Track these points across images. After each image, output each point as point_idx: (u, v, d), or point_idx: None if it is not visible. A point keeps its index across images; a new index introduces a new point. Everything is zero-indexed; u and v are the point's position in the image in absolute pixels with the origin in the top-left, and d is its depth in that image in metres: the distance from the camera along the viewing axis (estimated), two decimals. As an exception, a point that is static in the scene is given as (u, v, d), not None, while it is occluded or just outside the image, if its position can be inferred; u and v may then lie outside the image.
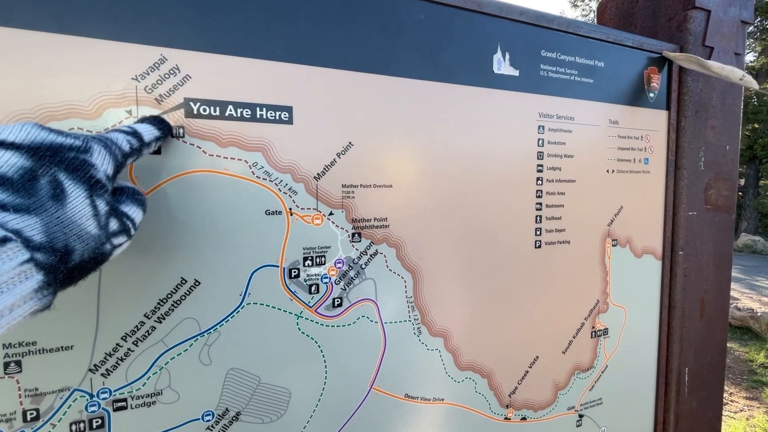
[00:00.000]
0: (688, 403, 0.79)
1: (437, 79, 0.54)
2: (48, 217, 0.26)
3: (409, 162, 0.54)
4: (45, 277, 0.25)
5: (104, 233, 0.30)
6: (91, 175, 0.29)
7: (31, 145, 0.27)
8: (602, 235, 0.70)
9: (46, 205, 0.26)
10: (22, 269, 0.24)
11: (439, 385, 0.58)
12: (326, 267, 0.50)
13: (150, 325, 0.42)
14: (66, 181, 0.27)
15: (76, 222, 0.27)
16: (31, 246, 0.25)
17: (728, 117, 0.79)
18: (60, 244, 0.26)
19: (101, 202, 0.30)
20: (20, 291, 0.24)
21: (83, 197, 0.28)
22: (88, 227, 0.28)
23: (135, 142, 0.35)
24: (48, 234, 0.26)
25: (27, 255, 0.24)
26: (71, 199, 0.27)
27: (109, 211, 0.31)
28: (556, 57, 0.63)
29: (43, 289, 0.26)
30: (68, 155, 0.28)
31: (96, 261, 0.30)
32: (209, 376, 0.45)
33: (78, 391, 0.39)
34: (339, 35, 0.49)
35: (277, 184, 0.46)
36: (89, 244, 0.28)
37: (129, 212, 0.33)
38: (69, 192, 0.27)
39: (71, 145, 0.28)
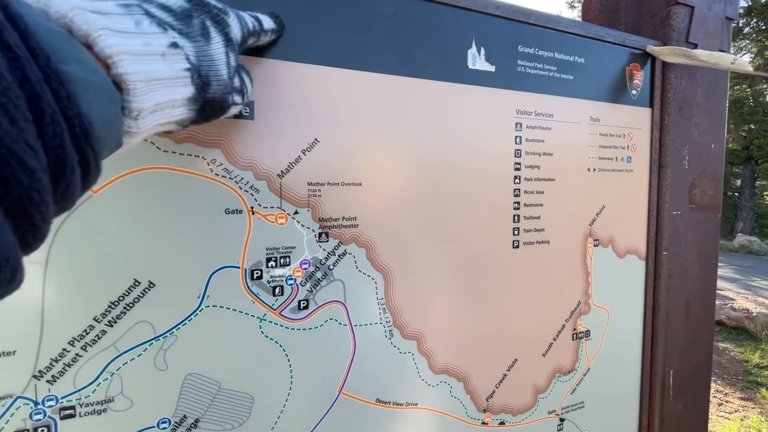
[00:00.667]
0: (674, 406, 0.78)
1: (408, 74, 0.53)
2: (198, 47, 0.30)
3: (379, 159, 0.52)
4: (195, 92, 0.30)
5: (230, 83, 0.34)
6: (228, 31, 0.33)
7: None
8: (583, 235, 0.69)
9: (197, 38, 0.31)
10: (184, 75, 0.29)
11: (413, 389, 0.56)
12: (291, 268, 0.48)
13: (100, 329, 0.40)
14: (212, 27, 0.32)
15: (215, 60, 0.32)
16: (188, 61, 0.29)
17: (713, 115, 0.78)
18: (204, 72, 0.31)
19: (232, 56, 0.34)
20: (181, 92, 0.29)
21: (222, 45, 0.33)
22: (222, 71, 0.33)
23: (257, 25, 0.39)
24: (198, 59, 0.30)
25: (188, 65, 0.29)
26: (214, 42, 0.32)
27: (236, 67, 0.35)
28: (534, 52, 0.61)
29: (192, 102, 0.30)
30: (214, 11, 0.33)
31: (220, 105, 0.34)
32: (165, 382, 0.43)
33: (21, 398, 0.38)
34: (303, 27, 0.47)
35: (238, 182, 0.45)
36: (221, 85, 0.33)
37: (245, 79, 0.38)
38: (212, 36, 0.32)
39: (215, 5, 0.33)
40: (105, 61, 0.24)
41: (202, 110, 0.32)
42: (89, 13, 0.23)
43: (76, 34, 0.23)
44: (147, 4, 0.28)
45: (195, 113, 0.31)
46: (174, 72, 0.28)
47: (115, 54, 0.24)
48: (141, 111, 0.26)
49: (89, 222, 0.39)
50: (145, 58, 0.26)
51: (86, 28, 0.23)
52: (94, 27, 0.23)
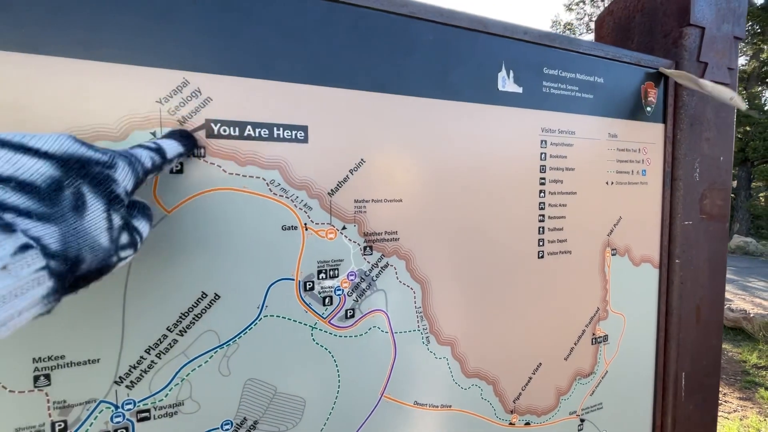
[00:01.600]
0: (685, 407, 0.82)
1: (445, 97, 0.56)
2: (67, 227, 0.27)
3: (418, 177, 0.56)
4: (54, 284, 0.26)
5: (114, 246, 0.31)
6: (112, 190, 0.30)
7: (63, 156, 0.28)
8: (602, 245, 0.72)
9: (66, 216, 0.27)
10: (37, 276, 0.25)
11: (447, 392, 0.60)
12: (339, 279, 0.51)
13: (172, 338, 0.43)
14: (88, 194, 0.29)
15: (91, 234, 0.29)
16: (47, 254, 0.26)
17: (722, 129, 0.82)
18: (73, 253, 0.27)
19: (117, 216, 0.31)
20: (31, 296, 0.25)
21: (101, 211, 0.29)
22: (101, 240, 0.29)
23: (158, 158, 0.36)
24: (64, 243, 0.27)
25: (43, 262, 0.25)
26: (90, 212, 0.29)
27: (122, 225, 0.32)
28: (557, 74, 0.65)
29: (50, 296, 0.27)
30: (94, 169, 0.29)
31: (100, 272, 0.31)
32: (228, 387, 0.46)
33: (104, 402, 0.41)
34: (351, 56, 0.50)
35: (293, 201, 0.48)
36: (99, 255, 0.30)
37: (139, 226, 0.34)
38: (89, 205, 0.29)
39: (98, 160, 0.30)
40: None
41: (74, 287, 0.29)
42: None
43: None
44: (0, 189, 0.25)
45: (58, 298, 0.28)
46: (21, 280, 0.24)
47: None
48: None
49: (163, 240, 0.42)
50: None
51: None
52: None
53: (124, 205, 0.32)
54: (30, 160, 0.27)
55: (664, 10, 0.80)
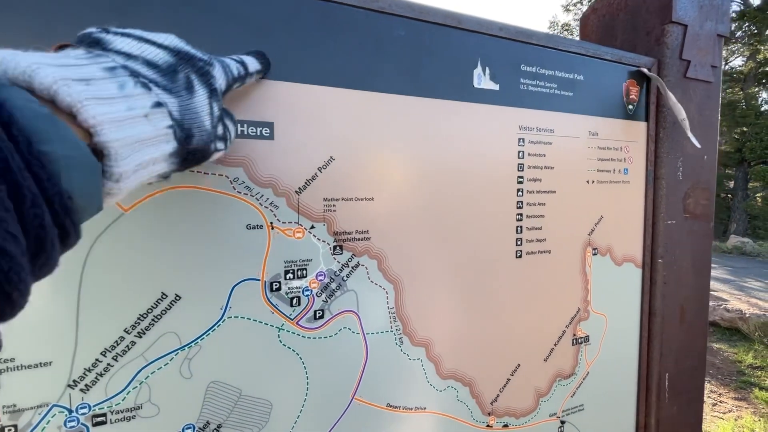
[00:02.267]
0: (669, 408, 0.81)
1: (418, 94, 0.55)
2: (182, 101, 0.32)
3: (390, 175, 0.55)
4: (177, 146, 0.31)
5: (213, 132, 0.35)
6: (212, 83, 0.35)
7: (175, 49, 0.33)
8: (583, 245, 0.71)
9: (181, 93, 0.32)
10: (167, 132, 0.29)
11: (421, 394, 0.59)
12: (308, 280, 0.50)
13: (130, 340, 0.42)
14: (196, 80, 0.34)
15: (199, 113, 0.33)
16: (171, 118, 0.30)
17: (705, 128, 0.81)
18: (187, 125, 0.32)
19: (216, 106, 0.35)
20: (162, 150, 0.29)
21: (205, 96, 0.34)
22: (206, 121, 0.34)
23: (242, 69, 0.41)
24: (181, 114, 0.31)
25: (170, 122, 0.30)
26: (198, 95, 0.33)
27: (220, 116, 0.36)
28: (535, 71, 0.64)
29: (174, 156, 0.31)
30: (199, 63, 0.34)
31: (202, 154, 0.35)
32: (190, 390, 0.45)
33: (57, 406, 0.40)
34: (319, 51, 0.49)
35: (258, 199, 0.47)
36: (203, 135, 0.34)
37: (229, 125, 0.39)
38: (197, 89, 0.33)
39: (201, 57, 0.35)
40: (87, 130, 0.24)
41: (185, 161, 0.33)
42: (73, 84, 0.24)
43: (60, 105, 0.23)
44: (133, 62, 0.29)
45: (177, 165, 0.32)
46: (157, 131, 0.28)
47: (98, 123, 0.24)
48: (123, 174, 0.26)
49: (120, 239, 0.41)
50: (127, 123, 0.26)
51: (69, 100, 0.23)
52: (78, 99, 0.23)
53: (220, 100, 0.36)
54: (151, 46, 0.31)
55: (646, 7, 0.79)
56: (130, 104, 0.27)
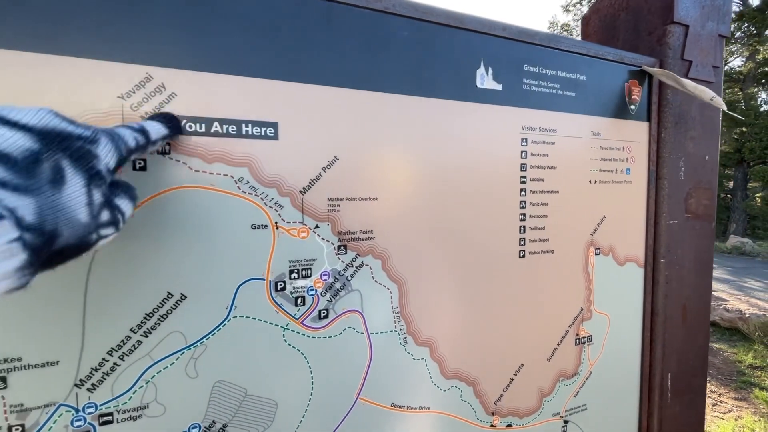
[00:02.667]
0: (671, 408, 0.81)
1: (421, 94, 0.56)
2: (43, 200, 0.27)
3: (394, 175, 0.55)
4: (29, 257, 0.26)
5: (94, 223, 0.30)
6: (93, 165, 0.30)
7: (43, 130, 0.28)
8: (585, 244, 0.72)
9: (43, 188, 0.27)
10: (10, 247, 0.25)
11: (425, 393, 0.59)
12: (312, 279, 0.50)
13: (136, 340, 0.42)
14: (68, 168, 0.28)
15: (69, 208, 0.28)
16: (22, 225, 0.25)
17: (707, 128, 0.82)
18: (49, 226, 0.27)
19: (97, 192, 0.30)
20: (3, 267, 0.25)
21: (80, 186, 0.29)
22: (80, 215, 0.29)
23: (141, 138, 0.36)
24: (40, 216, 0.26)
25: (16, 233, 0.25)
26: (69, 186, 0.28)
27: (103, 202, 0.31)
28: (538, 71, 0.64)
29: (25, 269, 0.26)
30: (75, 144, 0.29)
31: (79, 248, 0.30)
32: (196, 389, 0.45)
33: (64, 406, 0.40)
34: (323, 52, 0.50)
35: (263, 199, 0.47)
36: (77, 230, 0.29)
37: (121, 205, 0.34)
38: (68, 179, 0.28)
39: (80, 135, 0.30)
40: None
41: (48, 263, 0.29)
42: None
43: None
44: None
45: (33, 273, 0.27)
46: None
47: None
48: None
49: (126, 239, 0.41)
50: None
51: None
52: None
53: (106, 182, 0.32)
54: (8, 131, 0.26)
55: (648, 7, 0.79)
56: None
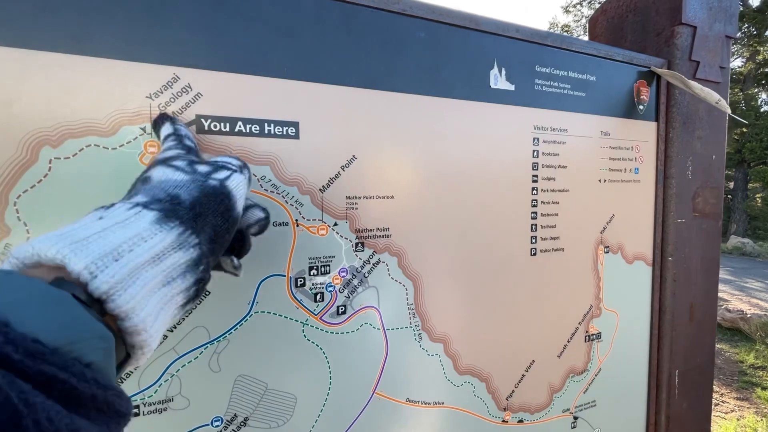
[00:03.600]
0: (679, 405, 0.82)
1: (437, 94, 0.57)
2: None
3: (409, 174, 0.56)
4: (199, 252, 0.29)
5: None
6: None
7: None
8: (595, 243, 0.73)
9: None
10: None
11: (439, 389, 0.60)
12: (331, 276, 0.51)
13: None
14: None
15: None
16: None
17: (714, 128, 0.83)
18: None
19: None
20: (183, 277, 0.28)
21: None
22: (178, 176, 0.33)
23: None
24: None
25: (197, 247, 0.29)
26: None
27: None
28: (550, 72, 0.65)
29: (196, 263, 0.29)
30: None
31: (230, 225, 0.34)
32: (218, 383, 0.46)
33: (92, 398, 0.41)
34: (343, 52, 0.51)
35: (284, 197, 0.48)
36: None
37: (219, 159, 0.38)
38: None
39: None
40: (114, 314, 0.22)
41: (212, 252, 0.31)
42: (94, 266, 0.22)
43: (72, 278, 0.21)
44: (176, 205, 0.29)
45: (208, 264, 0.30)
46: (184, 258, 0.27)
47: (132, 312, 0.23)
48: (147, 342, 0.24)
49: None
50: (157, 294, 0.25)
51: (97, 291, 0.21)
52: (106, 291, 0.22)
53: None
54: None
55: (656, 9, 0.80)
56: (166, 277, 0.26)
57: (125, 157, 0.40)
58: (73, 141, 0.39)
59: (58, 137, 0.38)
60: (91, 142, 0.39)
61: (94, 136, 0.39)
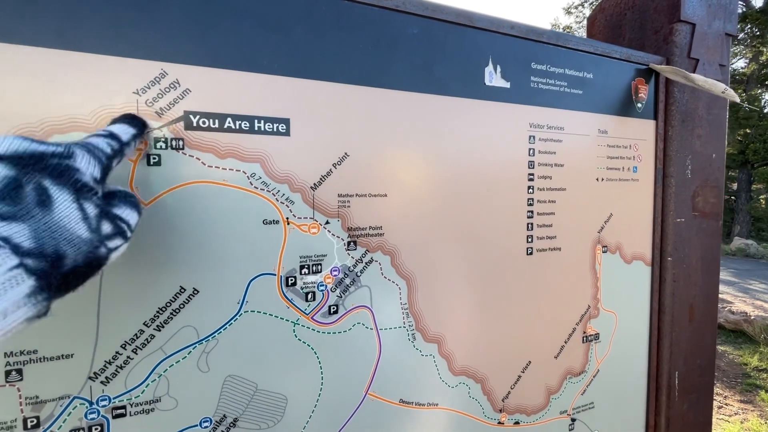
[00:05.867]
0: (679, 407, 0.81)
1: (430, 91, 0.56)
2: (36, 222, 0.26)
3: (403, 172, 0.55)
4: (37, 282, 0.26)
5: (96, 236, 0.30)
6: (77, 179, 0.30)
7: (14, 155, 0.27)
8: (592, 242, 0.72)
9: (32, 212, 0.27)
10: (12, 274, 0.24)
11: (434, 390, 0.59)
12: (322, 275, 0.51)
13: (149, 333, 0.43)
14: (51, 187, 0.28)
15: (64, 226, 0.28)
16: (20, 252, 0.25)
17: (714, 126, 0.82)
18: (50, 249, 0.27)
19: (89, 205, 0.30)
20: (12, 296, 0.24)
21: (69, 201, 0.29)
22: (78, 231, 0.29)
23: (114, 143, 0.35)
24: (37, 240, 0.26)
25: (16, 260, 0.25)
26: (58, 204, 0.28)
27: (100, 213, 0.31)
28: (546, 69, 0.65)
29: (36, 294, 0.26)
30: (51, 162, 0.29)
31: (92, 265, 0.30)
32: (207, 383, 0.45)
33: (78, 398, 0.40)
34: (334, 49, 0.50)
35: (275, 194, 0.48)
36: (81, 248, 0.29)
37: (122, 214, 0.33)
38: (55, 197, 0.28)
39: (53, 152, 0.29)
40: None
41: (62, 288, 0.28)
42: None
43: None
44: None
45: (48, 299, 0.27)
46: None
47: None
48: None
49: (139, 233, 0.41)
50: None
51: None
52: None
53: (96, 193, 0.31)
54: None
55: (654, 6, 0.79)
56: None
57: (111, 154, 0.40)
58: (58, 137, 0.38)
59: (44, 133, 0.38)
60: (76, 137, 0.39)
61: (79, 132, 0.39)
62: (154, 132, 0.42)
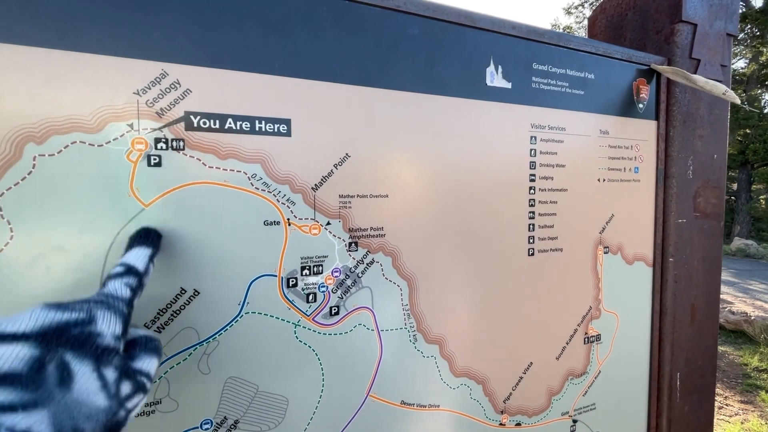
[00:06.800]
0: (680, 408, 0.81)
1: (432, 91, 0.56)
2: (56, 406, 0.26)
3: (404, 172, 0.55)
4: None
5: (115, 401, 0.29)
6: (98, 345, 0.29)
7: (39, 332, 0.27)
8: (594, 243, 0.71)
9: (53, 394, 0.26)
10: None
11: (435, 391, 0.59)
12: (323, 276, 0.51)
13: (150, 335, 0.42)
14: (72, 360, 0.27)
15: (83, 402, 0.27)
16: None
17: (715, 126, 0.81)
18: (68, 426, 0.26)
19: (109, 369, 0.30)
20: None
21: (90, 372, 0.28)
22: (98, 402, 0.28)
23: (133, 280, 0.34)
24: (56, 425, 0.25)
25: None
26: (78, 379, 0.27)
27: (120, 375, 0.30)
28: (547, 69, 0.65)
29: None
30: (74, 332, 0.28)
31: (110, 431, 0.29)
32: (208, 385, 0.45)
33: (78, 400, 0.40)
34: (335, 49, 0.50)
35: (276, 195, 0.47)
36: (100, 419, 0.28)
37: (143, 367, 0.33)
38: (75, 372, 0.27)
39: (76, 320, 0.29)
40: None
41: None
42: None
43: None
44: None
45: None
46: None
47: None
48: None
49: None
50: None
51: None
52: None
53: (118, 351, 0.31)
54: (8, 347, 0.25)
55: (656, 6, 0.79)
56: None
57: (111, 154, 0.40)
58: (58, 137, 0.38)
59: (43, 134, 0.37)
60: (76, 138, 0.39)
61: (79, 133, 0.39)
62: (154, 132, 0.42)
